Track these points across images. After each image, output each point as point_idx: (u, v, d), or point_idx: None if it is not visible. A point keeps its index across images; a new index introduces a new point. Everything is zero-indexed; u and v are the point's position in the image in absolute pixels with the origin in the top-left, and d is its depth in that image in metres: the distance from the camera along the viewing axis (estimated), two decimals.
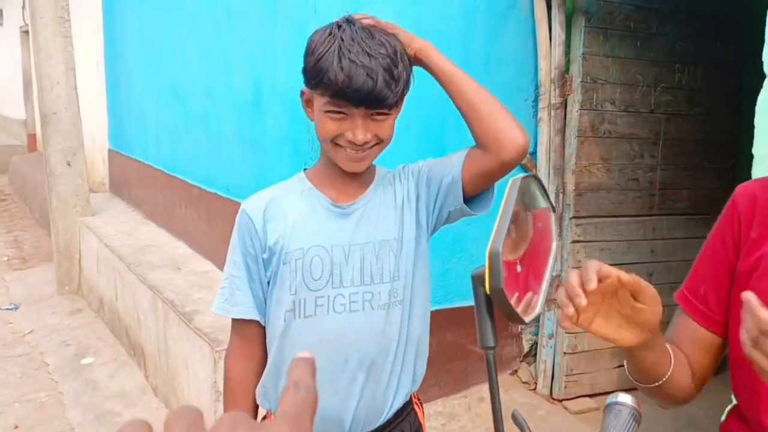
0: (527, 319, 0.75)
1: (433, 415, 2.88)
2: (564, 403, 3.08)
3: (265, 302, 1.24)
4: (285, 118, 2.80)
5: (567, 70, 2.89)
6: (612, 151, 3.00)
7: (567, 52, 2.88)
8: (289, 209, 1.21)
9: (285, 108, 2.80)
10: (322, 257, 1.19)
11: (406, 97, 1.20)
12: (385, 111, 1.13)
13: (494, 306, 0.73)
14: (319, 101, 1.14)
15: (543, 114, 2.92)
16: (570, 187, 2.94)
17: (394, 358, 1.22)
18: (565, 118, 2.92)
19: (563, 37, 2.84)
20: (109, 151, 6.06)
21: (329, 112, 1.12)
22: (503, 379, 3.19)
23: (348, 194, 1.23)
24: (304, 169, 1.29)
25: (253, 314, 1.23)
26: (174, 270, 3.57)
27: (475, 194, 1.23)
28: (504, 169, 1.19)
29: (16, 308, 4.62)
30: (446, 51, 2.84)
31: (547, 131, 2.92)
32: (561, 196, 2.94)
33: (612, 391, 0.96)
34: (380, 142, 1.16)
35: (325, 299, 1.19)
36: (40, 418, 3.13)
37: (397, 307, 1.22)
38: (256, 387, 1.26)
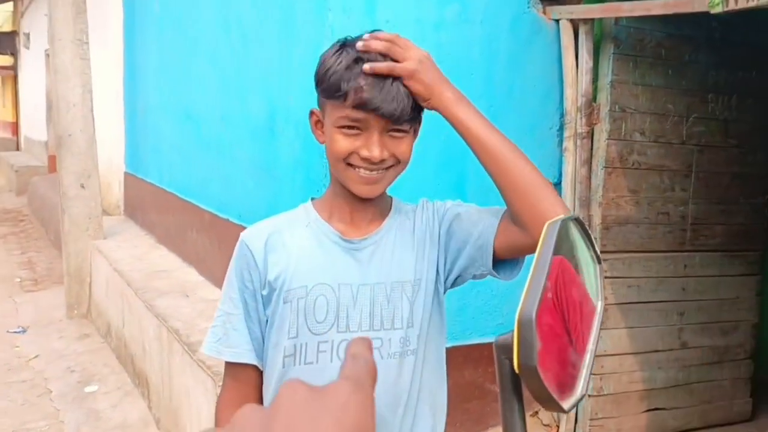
0: (567, 405, 0.58)
1: None
2: None
3: (263, 344, 1.11)
4: (298, 144, 2.70)
5: (594, 98, 2.76)
6: (641, 183, 2.86)
7: (594, 80, 2.76)
8: (292, 242, 1.10)
9: (299, 134, 2.70)
10: (327, 297, 1.07)
11: (421, 119, 1.10)
12: (405, 128, 1.04)
13: (524, 386, 0.58)
14: (333, 115, 1.04)
15: (568, 143, 2.79)
16: (596, 220, 2.79)
17: (404, 412, 1.08)
18: (591, 148, 2.78)
19: (591, 64, 2.72)
20: (125, 174, 6.02)
21: (343, 127, 1.03)
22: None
23: (359, 227, 1.12)
24: (312, 199, 1.17)
25: (249, 358, 1.10)
26: (182, 297, 3.46)
27: (502, 259, 1.10)
28: None
29: (24, 331, 4.54)
30: (468, 78, 2.75)
31: (572, 161, 2.79)
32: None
33: None
34: (397, 164, 1.06)
35: (328, 344, 1.06)
36: None
37: (410, 357, 1.09)
38: None
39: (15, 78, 16.45)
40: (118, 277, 4.00)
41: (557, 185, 2.85)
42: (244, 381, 1.12)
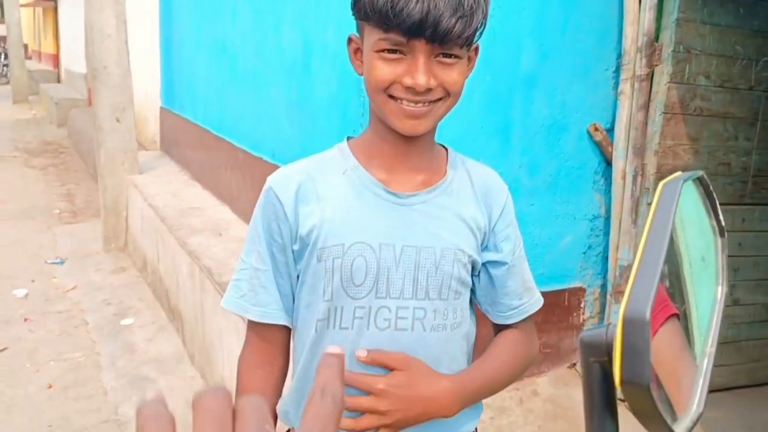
0: (681, 429, 0.45)
1: None
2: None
3: (293, 302, 1.01)
4: (335, 80, 2.56)
5: (657, 37, 2.53)
6: (702, 131, 2.65)
7: (658, 18, 2.52)
8: (327, 192, 0.96)
9: (335, 69, 2.56)
10: (366, 258, 0.93)
11: (479, 44, 0.93)
12: (458, 53, 0.87)
13: (623, 402, 0.43)
14: (370, 39, 0.88)
15: (625, 86, 2.58)
16: (651, 169, 2.61)
17: None
18: (650, 92, 2.57)
19: (655, 0, 2.48)
20: (161, 108, 5.96)
21: (382, 51, 0.87)
22: (560, 372, 2.94)
23: (407, 178, 0.97)
24: (348, 138, 1.02)
25: (279, 318, 0.99)
26: (215, 236, 3.42)
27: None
28: None
29: (62, 262, 4.61)
30: (518, 13, 2.54)
31: (628, 106, 2.59)
32: (640, 179, 2.62)
33: None
34: (446, 96, 0.90)
35: (365, 310, 0.94)
36: (74, 378, 3.07)
37: (455, 331, 0.98)
38: (276, 401, 1.03)
39: (55, 10, 16.42)
40: (152, 213, 3.99)
41: (609, 131, 2.67)
42: (272, 341, 1.02)
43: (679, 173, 0.51)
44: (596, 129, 2.65)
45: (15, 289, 4.08)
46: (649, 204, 2.65)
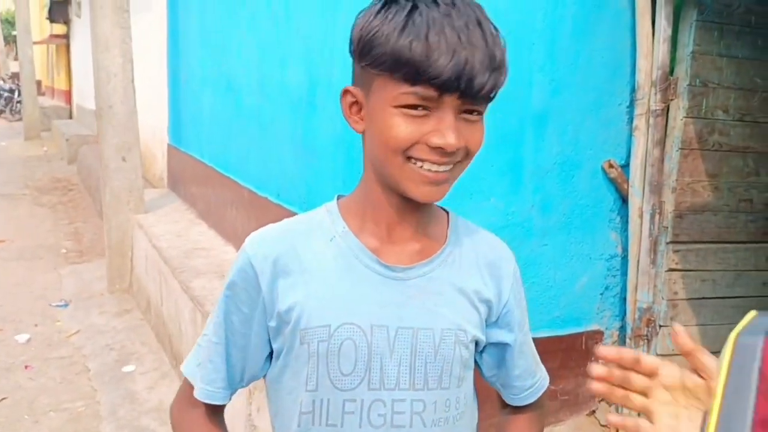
0: None
1: None
2: None
3: (242, 380, 0.89)
4: (340, 119, 2.48)
5: (671, 71, 2.45)
6: (722, 166, 2.54)
7: (672, 50, 2.44)
8: (312, 263, 0.84)
9: (340, 108, 2.49)
10: (356, 342, 0.82)
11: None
12: (479, 108, 0.79)
13: None
14: (387, 92, 0.77)
15: (639, 122, 2.49)
16: (669, 207, 2.51)
17: None
18: (666, 127, 2.48)
19: (669, 32, 2.40)
20: (168, 145, 5.94)
21: (405, 107, 0.76)
22: (578, 420, 2.80)
23: (402, 248, 0.86)
24: (338, 197, 0.91)
25: (223, 399, 0.89)
26: (219, 278, 3.33)
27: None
28: None
29: (67, 305, 4.53)
30: (529, 48, 2.46)
31: (643, 142, 2.49)
32: (657, 217, 2.51)
33: None
34: (467, 157, 0.81)
35: (356, 404, 0.82)
36: (74, 430, 2.96)
37: (458, 423, 0.87)
38: None
39: (68, 47, 16.70)
40: (156, 254, 3.91)
41: (624, 168, 2.57)
42: (209, 411, 0.91)
43: (753, 313, 0.41)
44: (611, 166, 2.55)
45: (18, 333, 3.99)
46: (668, 242, 2.54)
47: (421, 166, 0.78)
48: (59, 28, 17.00)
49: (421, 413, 0.83)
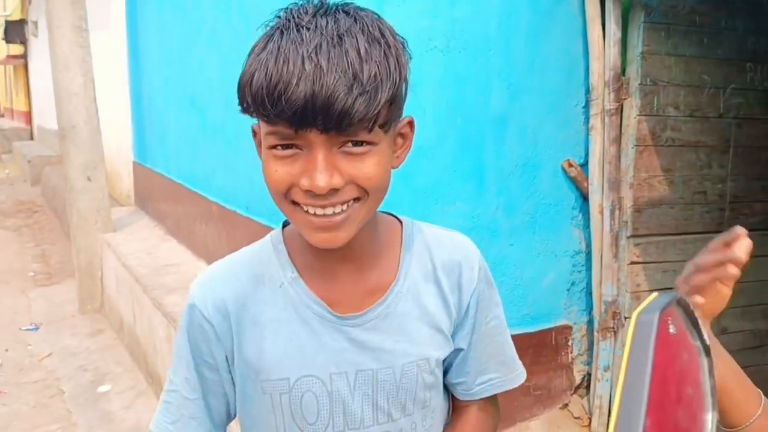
0: None
1: None
2: None
3: (228, 418, 0.90)
4: None
5: (623, 71, 2.54)
6: (675, 161, 2.65)
7: (623, 52, 2.54)
8: (264, 314, 0.82)
9: None
10: (316, 393, 0.81)
11: (412, 119, 0.79)
12: (364, 138, 0.69)
13: None
14: (262, 133, 0.73)
15: (595, 121, 2.58)
16: (627, 202, 2.60)
17: None
18: (621, 125, 2.57)
19: (619, 35, 2.50)
20: (134, 163, 5.90)
21: (274, 148, 0.71)
22: (552, 414, 2.86)
23: (352, 291, 0.83)
24: (283, 226, 0.87)
25: None
26: None
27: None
28: None
29: (37, 328, 4.46)
30: (485, 54, 2.54)
31: (600, 141, 2.58)
32: (617, 212, 2.60)
33: None
34: (363, 196, 0.73)
35: None
36: None
37: None
38: None
39: (26, 67, 16.40)
40: (127, 273, 3.89)
41: (583, 166, 2.66)
42: None
43: (654, 295, 0.46)
44: (570, 165, 2.63)
45: None
46: (629, 236, 2.63)
47: (307, 211, 0.72)
48: (16, 49, 16.70)
49: None
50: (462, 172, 2.51)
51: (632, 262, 2.65)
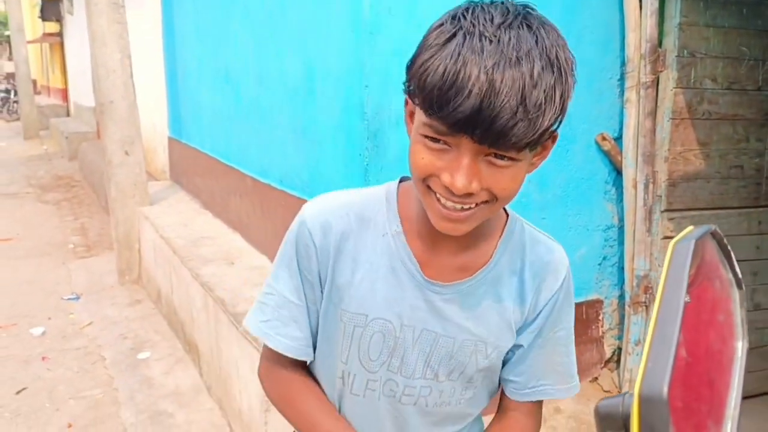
0: None
1: None
2: None
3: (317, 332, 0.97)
4: (338, 106, 2.56)
5: (660, 43, 2.51)
6: (712, 134, 2.61)
7: (660, 23, 2.50)
8: (362, 254, 0.89)
9: (338, 95, 2.55)
10: (385, 335, 0.90)
11: (556, 134, 0.79)
12: (511, 155, 0.73)
13: None
14: (418, 118, 0.76)
15: (631, 94, 2.56)
16: (662, 176, 2.58)
17: None
18: (657, 98, 2.54)
19: (656, 5, 2.46)
20: (169, 138, 6.00)
21: (426, 137, 0.74)
22: (582, 387, 2.88)
23: (446, 262, 0.89)
24: (400, 180, 0.93)
25: (308, 356, 0.96)
26: (228, 265, 3.42)
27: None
28: None
29: (78, 298, 4.62)
30: None
31: (635, 114, 2.56)
32: (651, 186, 2.58)
33: None
34: (493, 200, 0.77)
35: (378, 383, 0.93)
36: (93, 417, 3.06)
37: (461, 405, 0.97)
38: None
39: (62, 45, 16.68)
40: (164, 244, 4.00)
41: (617, 140, 2.64)
42: (293, 365, 0.98)
43: (690, 228, 0.48)
44: (604, 138, 2.62)
45: (32, 327, 4.09)
46: (663, 210, 2.61)
47: (439, 200, 0.77)
48: (52, 27, 16.98)
49: (426, 397, 0.93)
50: None
51: (665, 237, 2.63)
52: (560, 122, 0.74)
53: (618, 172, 2.69)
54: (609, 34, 2.57)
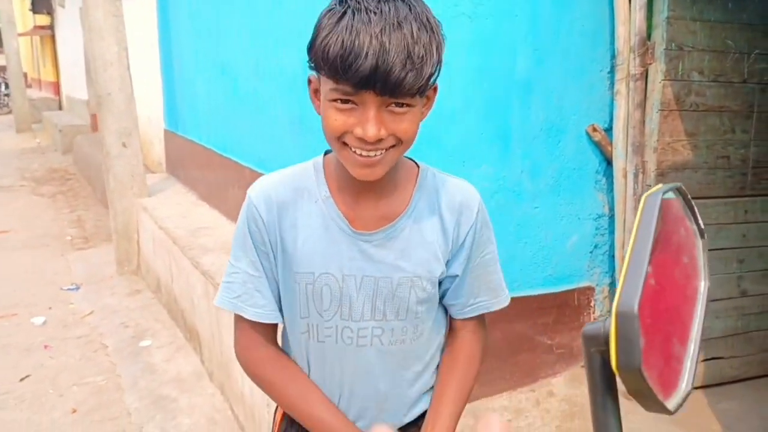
0: (672, 404, 0.51)
1: (498, 409, 2.71)
2: None
3: (279, 300, 1.11)
4: None
5: (649, 36, 2.59)
6: (699, 126, 2.70)
7: (649, 17, 2.58)
8: (301, 220, 1.04)
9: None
10: (331, 287, 1.04)
11: (436, 85, 0.97)
12: (406, 101, 0.90)
13: (622, 387, 0.50)
14: (325, 87, 0.92)
15: (620, 86, 2.64)
16: (651, 166, 2.67)
17: (409, 388, 1.13)
18: (645, 90, 2.63)
19: None
20: (165, 131, 6.05)
21: (335, 101, 0.90)
22: (574, 372, 2.96)
23: (370, 214, 1.04)
24: (324, 153, 1.09)
25: (276, 318, 1.10)
26: (227, 254, 3.48)
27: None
28: None
29: (77, 288, 4.68)
30: (511, 19, 2.59)
31: (624, 105, 2.64)
32: (641, 176, 2.67)
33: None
34: (399, 143, 0.94)
35: (332, 330, 1.07)
36: (97, 402, 3.13)
37: (416, 341, 1.10)
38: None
39: (53, 38, 16.61)
40: (163, 235, 4.06)
41: (608, 131, 2.73)
42: (264, 332, 1.12)
43: (659, 186, 0.57)
44: (595, 129, 2.70)
45: (33, 317, 4.15)
46: None
47: (354, 151, 0.92)
48: (43, 19, 16.90)
49: (379, 336, 1.07)
50: (488, 135, 2.59)
51: None
52: (439, 72, 0.91)
53: (608, 162, 2.77)
54: (599, 28, 2.65)
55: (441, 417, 1.09)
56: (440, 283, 1.10)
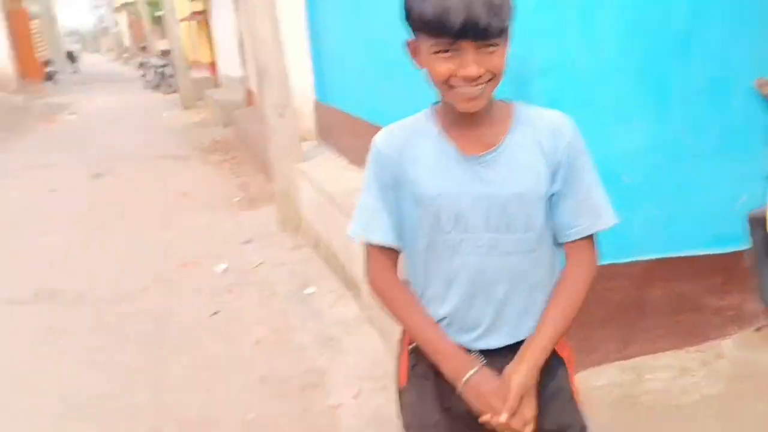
0: None
1: (660, 368, 2.69)
2: None
3: (400, 227, 1.33)
4: None
5: None
6: None
7: None
8: (421, 153, 1.27)
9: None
10: (449, 205, 1.25)
11: (511, 27, 1.18)
12: (495, 41, 1.13)
13: None
14: (426, 44, 1.16)
15: None
16: None
17: (523, 299, 1.30)
18: None
19: None
20: (315, 102, 6.52)
21: (438, 52, 1.14)
22: (746, 336, 2.82)
23: (476, 141, 1.25)
24: (432, 104, 1.31)
25: (396, 241, 1.33)
26: None
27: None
28: None
29: (249, 242, 5.31)
30: None
31: None
32: None
33: None
34: (494, 77, 1.16)
35: (453, 242, 1.27)
36: (276, 338, 3.63)
37: (530, 254, 1.28)
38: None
39: (206, 22, 18.00)
40: (320, 196, 4.50)
41: None
42: (389, 257, 1.35)
43: None
44: (763, 83, 2.56)
45: (215, 265, 4.81)
46: None
47: (459, 90, 1.16)
48: (197, 5, 18.34)
49: (495, 246, 1.26)
50: (644, 91, 2.52)
51: None
52: (512, 17, 1.14)
53: None
54: None
55: (538, 335, 1.28)
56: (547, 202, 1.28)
